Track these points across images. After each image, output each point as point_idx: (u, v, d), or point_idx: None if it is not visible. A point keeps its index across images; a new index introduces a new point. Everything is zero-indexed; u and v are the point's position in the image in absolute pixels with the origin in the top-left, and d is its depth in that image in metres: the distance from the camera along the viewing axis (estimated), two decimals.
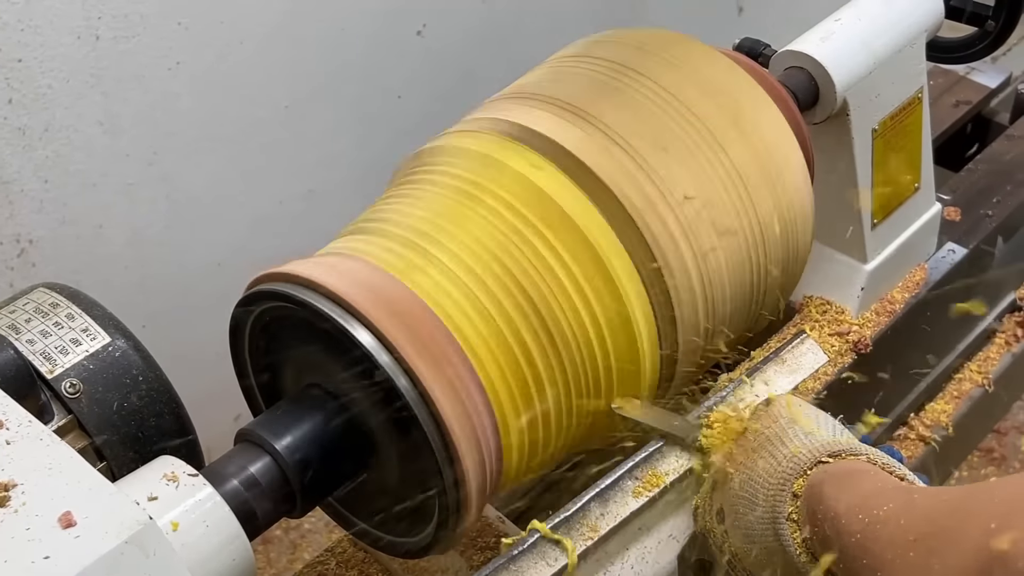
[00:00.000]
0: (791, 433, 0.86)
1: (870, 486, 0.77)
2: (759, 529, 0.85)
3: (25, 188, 1.38)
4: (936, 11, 1.26)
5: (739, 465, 0.88)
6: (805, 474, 0.83)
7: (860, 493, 0.76)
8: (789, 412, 0.88)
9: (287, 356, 0.94)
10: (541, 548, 0.88)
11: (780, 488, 0.83)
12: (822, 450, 0.83)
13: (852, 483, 0.78)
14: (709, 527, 0.93)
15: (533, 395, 0.91)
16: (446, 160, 0.99)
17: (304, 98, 1.62)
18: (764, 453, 0.86)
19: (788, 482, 0.83)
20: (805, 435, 0.85)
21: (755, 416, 0.91)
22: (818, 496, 0.79)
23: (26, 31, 1.30)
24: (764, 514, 0.84)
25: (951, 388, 1.44)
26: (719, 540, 0.91)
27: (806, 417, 0.88)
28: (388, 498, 0.92)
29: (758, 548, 0.86)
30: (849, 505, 0.75)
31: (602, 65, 1.04)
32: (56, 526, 0.69)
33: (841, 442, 0.84)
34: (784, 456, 0.84)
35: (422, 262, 0.90)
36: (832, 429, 0.87)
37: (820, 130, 1.19)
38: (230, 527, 0.80)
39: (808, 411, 0.89)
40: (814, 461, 0.83)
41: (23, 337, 0.87)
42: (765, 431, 0.88)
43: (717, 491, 0.91)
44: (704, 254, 0.97)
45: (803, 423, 0.87)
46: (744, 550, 0.88)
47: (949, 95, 1.68)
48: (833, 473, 0.81)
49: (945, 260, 1.38)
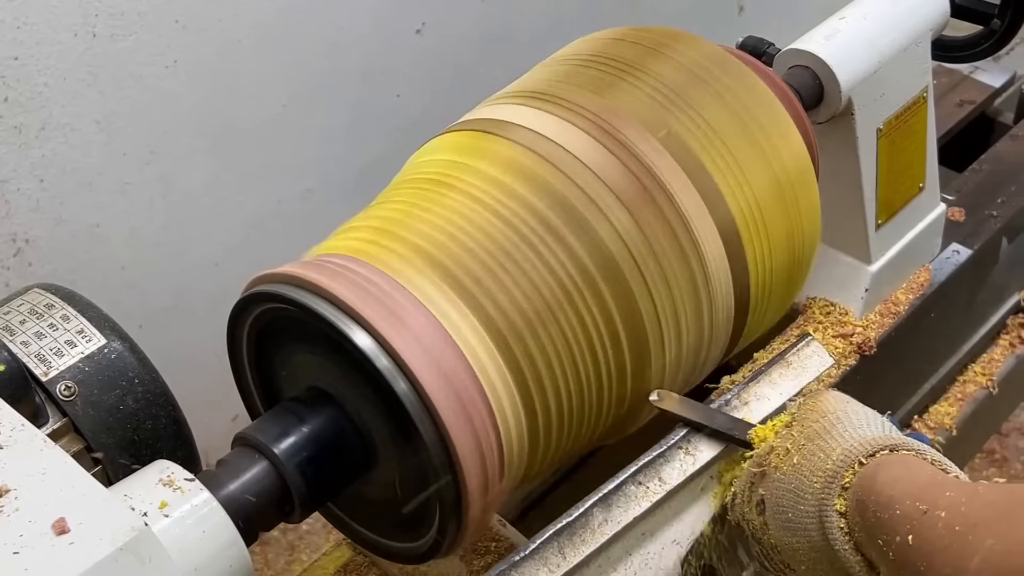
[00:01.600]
0: (840, 428, 0.86)
1: (927, 478, 0.78)
2: (803, 521, 0.85)
3: (21, 187, 1.37)
4: (941, 9, 1.25)
5: (785, 458, 0.88)
6: (855, 467, 0.83)
7: (917, 484, 0.77)
8: (837, 407, 0.88)
9: (285, 358, 0.93)
10: (543, 553, 0.87)
11: (829, 481, 0.83)
12: (875, 444, 0.83)
13: (908, 474, 0.79)
14: (747, 517, 0.92)
15: (534, 396, 0.89)
16: (438, 160, 0.98)
17: (302, 97, 1.61)
18: (813, 447, 0.86)
19: (838, 475, 0.83)
20: (856, 430, 0.85)
21: (803, 410, 0.90)
22: (870, 487, 0.79)
23: (22, 29, 1.29)
24: (811, 506, 0.84)
25: (955, 390, 1.43)
26: (757, 531, 0.91)
27: (855, 413, 0.87)
28: (387, 502, 0.91)
29: (800, 540, 0.85)
30: (906, 494, 0.76)
31: (595, 60, 1.03)
32: (50, 533, 0.68)
33: (893, 437, 0.84)
34: (834, 449, 0.84)
35: (420, 262, 0.89)
36: (881, 426, 0.87)
37: (824, 129, 1.18)
38: (227, 533, 0.79)
39: (857, 407, 0.89)
40: (867, 454, 0.83)
41: (17, 339, 0.86)
42: (813, 425, 0.88)
43: (760, 482, 0.90)
44: (704, 251, 0.96)
45: (853, 419, 0.87)
46: (785, 542, 0.87)
47: (953, 94, 1.67)
48: (886, 465, 0.81)
49: (949, 261, 1.37)
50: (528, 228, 0.91)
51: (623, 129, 0.96)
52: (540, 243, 0.91)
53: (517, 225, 0.91)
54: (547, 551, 0.87)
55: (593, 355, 0.92)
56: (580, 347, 0.91)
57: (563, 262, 0.91)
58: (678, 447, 0.94)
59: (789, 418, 0.91)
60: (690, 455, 0.94)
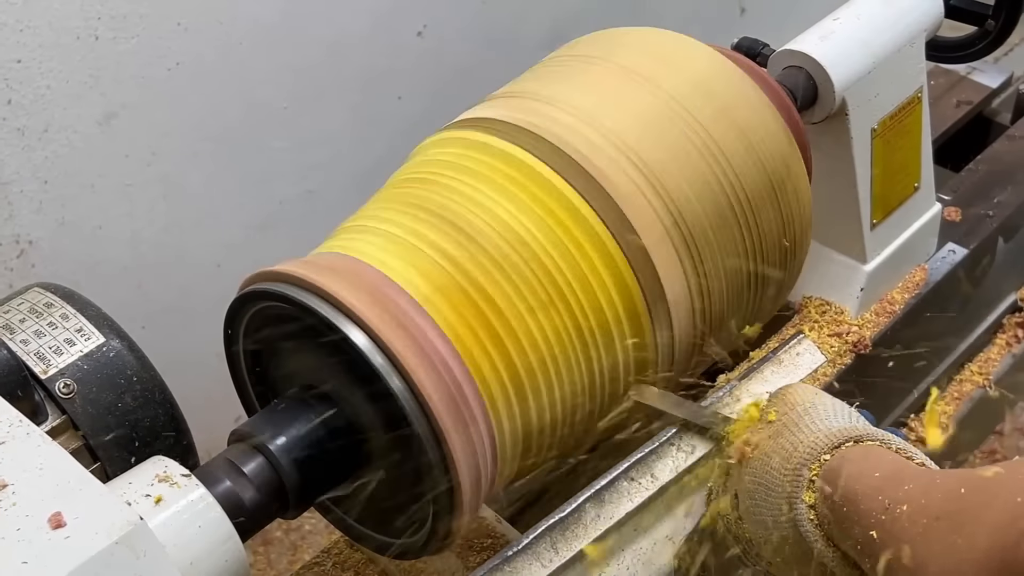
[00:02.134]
0: (808, 420, 0.86)
1: (890, 468, 0.78)
2: (775, 514, 0.85)
3: (24, 189, 1.38)
4: (935, 10, 1.25)
5: (756, 451, 0.88)
6: (822, 459, 0.83)
7: (880, 474, 0.77)
8: (805, 399, 0.88)
9: (281, 356, 0.94)
10: (536, 549, 0.88)
11: (797, 473, 0.83)
12: (840, 435, 0.84)
13: (871, 465, 0.79)
14: (722, 512, 0.93)
15: (528, 393, 0.90)
16: (433, 158, 0.99)
17: (304, 99, 1.62)
18: (781, 440, 0.86)
19: (805, 467, 0.83)
20: (822, 421, 0.86)
21: (772, 403, 0.91)
22: (836, 479, 0.79)
23: (25, 32, 1.30)
24: (780, 499, 0.84)
25: (952, 389, 1.44)
26: (732, 526, 0.91)
27: (822, 405, 0.88)
28: (383, 499, 0.92)
29: (773, 533, 0.86)
30: (869, 486, 0.76)
31: (579, 60, 1.04)
32: (46, 527, 0.68)
33: (858, 428, 0.84)
34: (801, 442, 0.85)
35: (417, 260, 0.90)
36: (848, 416, 0.87)
37: (819, 130, 1.19)
38: (222, 528, 0.79)
39: (824, 399, 0.89)
40: (832, 446, 0.83)
41: (17, 337, 0.87)
42: (782, 418, 0.88)
43: (732, 476, 0.91)
44: (694, 243, 0.97)
45: (820, 410, 0.87)
46: (758, 535, 0.88)
47: (950, 95, 1.67)
48: (851, 457, 0.81)
49: (945, 261, 1.38)
50: (521, 226, 0.92)
51: (618, 131, 0.97)
52: (533, 241, 0.92)
53: (508, 222, 0.92)
54: (539, 546, 0.88)
55: (584, 348, 0.93)
56: (572, 341, 0.92)
57: (554, 259, 0.92)
58: (670, 443, 0.95)
59: (758, 412, 0.92)
60: (682, 451, 0.95)
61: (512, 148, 0.96)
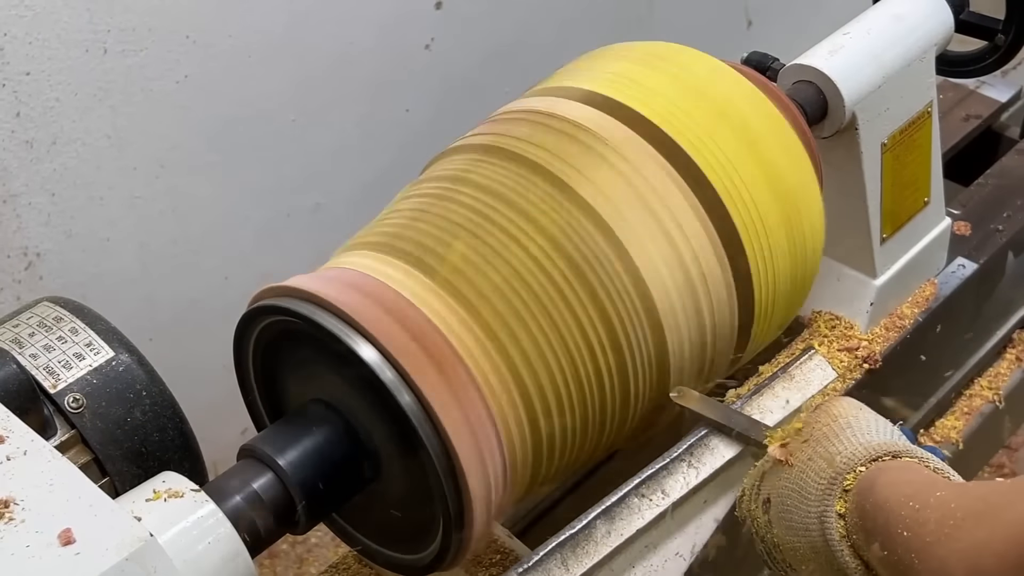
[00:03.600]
0: (849, 432, 0.87)
1: (923, 480, 0.79)
2: (805, 522, 0.86)
3: (33, 201, 1.38)
4: (946, 25, 1.25)
5: (792, 457, 0.89)
6: (858, 470, 0.84)
7: (913, 486, 0.78)
8: (848, 412, 0.89)
9: (291, 370, 0.94)
10: (546, 565, 0.88)
11: (832, 482, 0.84)
12: (879, 449, 0.84)
13: (906, 478, 0.80)
14: (753, 515, 0.93)
15: (537, 407, 0.90)
16: (446, 174, 0.99)
17: (312, 111, 1.62)
18: (820, 448, 0.87)
19: (840, 477, 0.84)
20: (863, 435, 0.86)
21: (815, 414, 0.91)
22: (870, 489, 0.80)
23: (34, 44, 1.31)
24: (813, 507, 0.85)
25: (961, 404, 1.43)
26: (761, 530, 0.92)
27: (865, 419, 0.88)
28: (392, 514, 0.92)
29: (801, 541, 0.86)
30: (902, 494, 0.77)
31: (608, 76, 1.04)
32: (55, 543, 0.68)
33: (898, 444, 0.85)
34: (840, 452, 0.85)
35: (425, 276, 0.89)
36: (890, 433, 0.88)
37: (829, 144, 1.19)
38: (232, 544, 0.79)
39: (867, 413, 0.90)
40: (870, 458, 0.84)
41: (26, 351, 0.87)
42: (823, 428, 0.89)
43: (766, 480, 0.91)
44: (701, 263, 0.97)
45: (862, 424, 0.88)
46: (787, 541, 0.88)
47: (959, 109, 1.67)
48: (887, 470, 0.82)
49: (955, 275, 1.37)
50: (531, 242, 0.92)
51: (622, 147, 0.97)
52: (540, 254, 0.92)
53: (519, 239, 0.92)
54: (550, 563, 0.88)
55: (595, 361, 0.92)
56: (581, 354, 0.92)
57: (563, 272, 0.91)
58: (681, 460, 0.95)
59: (800, 423, 0.92)
60: (693, 468, 0.95)
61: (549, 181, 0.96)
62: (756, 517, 0.92)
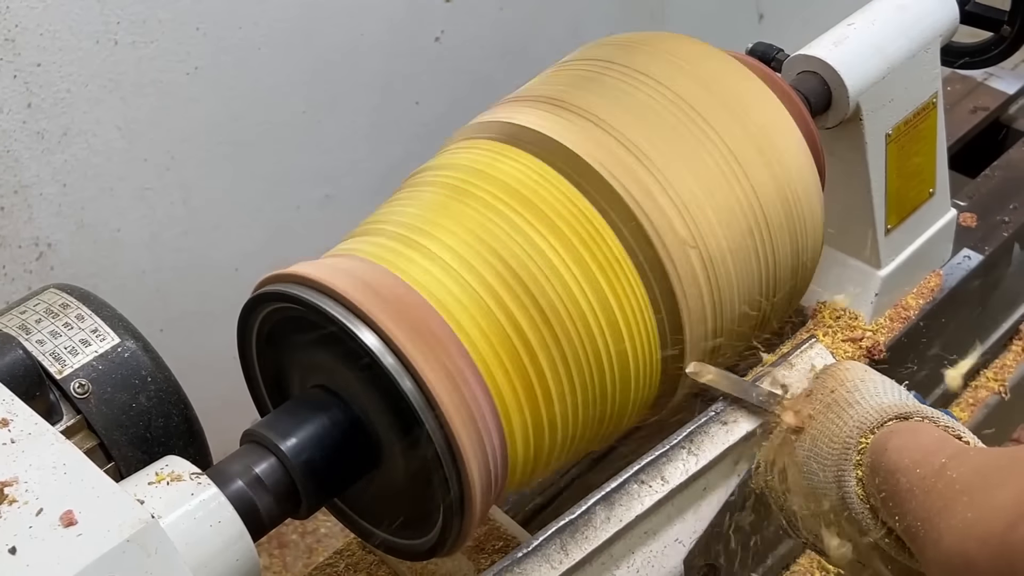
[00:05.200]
0: (858, 395, 0.88)
1: (930, 442, 0.80)
2: (823, 487, 0.87)
3: (44, 192, 1.39)
4: (950, 16, 1.25)
5: (806, 424, 0.90)
6: (872, 433, 0.85)
7: (921, 450, 0.78)
8: (855, 376, 0.90)
9: (293, 357, 0.94)
10: (546, 550, 0.88)
11: (846, 445, 0.85)
12: (890, 411, 0.85)
13: (917, 440, 0.80)
14: (770, 486, 0.93)
15: (538, 394, 0.91)
16: (445, 164, 1.00)
17: (321, 103, 1.63)
18: (831, 414, 0.88)
19: (854, 439, 0.85)
20: (873, 397, 0.87)
21: (821, 379, 0.92)
22: (882, 451, 0.81)
23: (45, 36, 1.32)
24: (829, 471, 0.86)
25: (967, 395, 1.43)
26: (780, 499, 0.92)
27: (872, 381, 0.89)
28: (393, 500, 0.93)
29: (820, 505, 0.87)
30: (912, 459, 0.78)
31: (597, 64, 1.04)
32: (58, 524, 0.69)
33: (908, 404, 0.86)
34: (852, 416, 0.86)
35: (424, 261, 0.90)
36: (898, 394, 0.88)
37: (833, 135, 1.19)
38: (234, 527, 0.80)
39: (874, 375, 0.90)
40: (881, 421, 0.85)
41: (33, 337, 0.88)
42: (832, 394, 0.89)
43: (781, 450, 0.92)
44: (707, 246, 0.97)
45: (870, 386, 0.88)
46: (807, 508, 0.89)
47: (967, 101, 1.67)
48: (898, 431, 0.83)
49: (960, 266, 1.37)
50: (534, 231, 0.93)
51: (632, 137, 0.98)
52: (539, 238, 0.92)
53: (524, 229, 0.93)
54: (549, 548, 0.88)
55: (594, 346, 0.93)
56: (581, 339, 0.92)
57: (562, 256, 0.92)
58: (680, 447, 0.95)
59: (809, 389, 0.93)
60: (693, 455, 0.95)
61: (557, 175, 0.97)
62: (773, 487, 0.93)
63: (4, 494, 0.71)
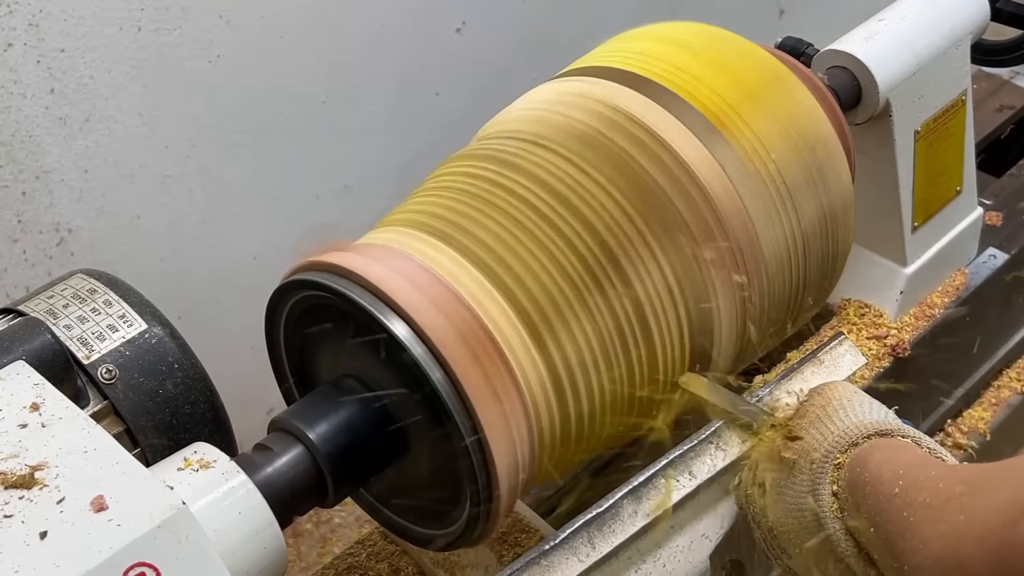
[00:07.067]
0: (842, 413, 0.87)
1: (912, 458, 0.80)
2: (798, 501, 0.86)
3: (65, 178, 1.39)
4: (981, 13, 1.25)
5: (787, 440, 0.89)
6: (852, 447, 0.84)
7: (903, 463, 0.79)
8: (843, 395, 0.90)
9: (322, 345, 0.94)
10: (572, 543, 0.88)
11: (824, 459, 0.85)
12: (872, 427, 0.85)
13: (899, 456, 0.81)
14: (751, 500, 0.93)
15: (566, 386, 0.90)
16: (482, 154, 0.99)
17: (342, 94, 1.62)
18: (812, 429, 0.88)
19: (833, 454, 0.85)
20: (856, 415, 0.87)
21: (811, 396, 0.92)
22: (861, 465, 0.81)
23: (69, 21, 1.31)
24: (805, 485, 0.85)
25: (989, 395, 1.42)
26: (758, 515, 0.92)
27: (859, 401, 0.89)
28: (419, 490, 0.92)
29: (795, 521, 0.87)
30: (893, 473, 0.78)
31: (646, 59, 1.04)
32: (89, 509, 0.69)
33: (891, 424, 0.86)
34: (832, 432, 0.86)
35: (458, 253, 0.90)
36: (884, 414, 0.88)
37: (862, 131, 1.18)
38: (262, 515, 0.80)
39: (862, 396, 0.90)
40: (863, 436, 0.85)
41: (60, 322, 0.87)
42: (817, 410, 0.89)
43: (762, 465, 0.92)
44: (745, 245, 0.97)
45: (855, 406, 0.88)
46: (781, 523, 0.88)
47: (992, 99, 1.66)
48: (880, 446, 0.83)
49: (986, 265, 1.37)
50: (569, 228, 0.92)
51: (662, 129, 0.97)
52: (570, 231, 0.92)
53: (553, 219, 0.93)
54: (576, 541, 0.88)
55: (623, 342, 0.92)
56: (612, 338, 0.92)
57: (596, 254, 0.92)
58: (708, 442, 0.95)
59: (797, 406, 0.93)
60: (720, 450, 0.95)
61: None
62: (753, 502, 0.92)
63: (35, 478, 0.71)
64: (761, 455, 0.93)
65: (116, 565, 0.67)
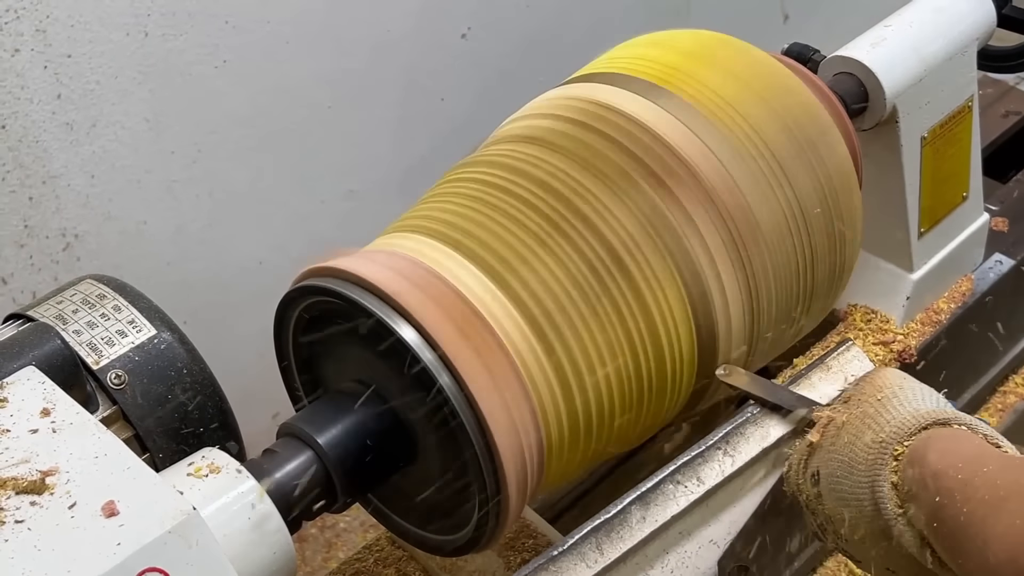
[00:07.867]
0: (896, 402, 0.87)
1: (974, 451, 0.79)
2: (856, 492, 0.85)
3: (72, 183, 1.39)
4: (988, 19, 1.25)
5: (840, 430, 0.89)
6: (908, 439, 0.84)
7: (961, 456, 0.78)
8: (894, 382, 0.89)
9: (331, 350, 0.94)
10: (581, 549, 0.88)
11: (882, 451, 0.84)
12: (928, 417, 0.84)
13: (956, 447, 0.80)
14: (802, 489, 0.92)
15: (574, 391, 0.90)
16: (488, 160, 0.99)
17: (347, 99, 1.62)
18: (868, 420, 0.87)
19: (890, 446, 0.84)
20: (911, 403, 0.86)
21: (860, 384, 0.91)
22: (921, 458, 0.80)
23: (76, 27, 1.31)
24: (863, 477, 0.85)
25: (996, 401, 1.42)
26: (812, 503, 0.91)
27: (911, 388, 0.88)
28: (428, 495, 0.92)
29: (853, 511, 0.86)
30: (950, 466, 0.77)
31: (656, 67, 1.04)
32: (100, 514, 0.69)
33: (947, 412, 0.85)
34: (888, 422, 0.85)
35: (467, 259, 0.90)
36: (936, 401, 0.88)
37: (869, 137, 1.18)
38: (271, 520, 0.80)
39: (912, 383, 0.89)
40: (919, 427, 0.84)
41: (70, 328, 0.88)
42: (869, 399, 0.89)
43: (815, 454, 0.91)
44: (748, 250, 0.97)
45: (908, 393, 0.87)
46: (838, 513, 0.88)
47: (998, 105, 1.66)
48: (937, 437, 0.82)
49: (992, 271, 1.37)
50: (576, 233, 0.92)
51: (666, 134, 0.97)
52: (573, 232, 0.92)
53: (557, 222, 0.93)
54: (585, 547, 0.88)
55: (632, 348, 0.93)
56: (621, 344, 0.92)
57: (604, 260, 0.92)
58: (716, 448, 0.95)
59: (847, 395, 0.92)
60: (728, 456, 0.95)
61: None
62: (805, 491, 0.92)
63: (46, 484, 0.71)
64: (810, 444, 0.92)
65: (127, 570, 0.67)
